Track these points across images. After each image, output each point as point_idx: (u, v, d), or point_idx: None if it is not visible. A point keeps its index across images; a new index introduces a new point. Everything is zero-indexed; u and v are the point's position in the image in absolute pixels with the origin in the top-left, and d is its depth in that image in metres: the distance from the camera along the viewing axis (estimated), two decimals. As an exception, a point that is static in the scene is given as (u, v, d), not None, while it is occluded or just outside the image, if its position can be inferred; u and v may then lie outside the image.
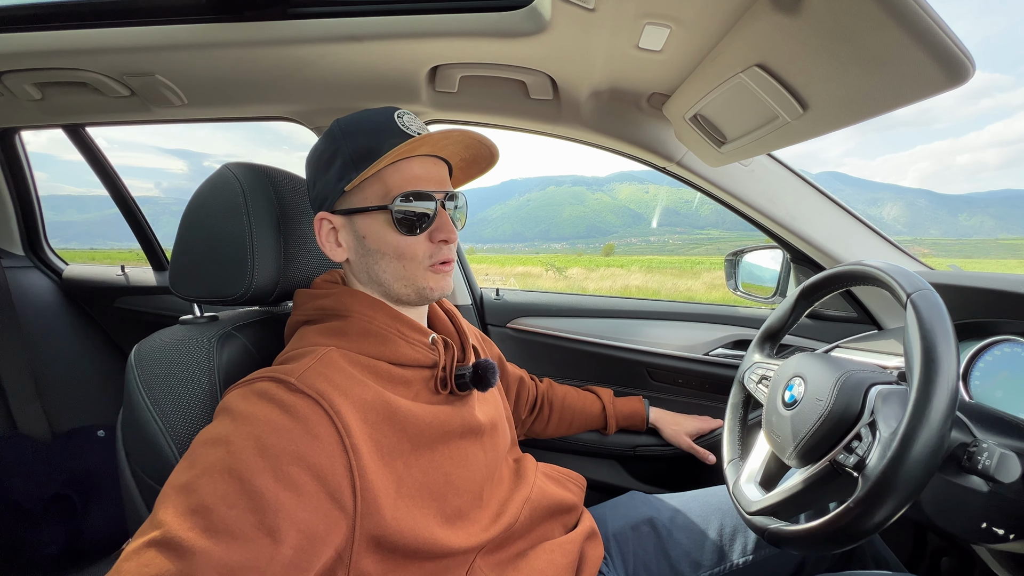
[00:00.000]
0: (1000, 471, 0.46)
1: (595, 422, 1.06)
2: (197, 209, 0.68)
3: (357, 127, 0.60)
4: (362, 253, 0.62)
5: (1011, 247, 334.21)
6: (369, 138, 0.58)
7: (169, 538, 0.39)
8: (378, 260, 0.61)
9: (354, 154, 0.59)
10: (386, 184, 0.59)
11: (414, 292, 0.62)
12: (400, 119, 0.60)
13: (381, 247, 0.60)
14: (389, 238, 0.60)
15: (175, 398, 0.59)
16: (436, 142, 0.59)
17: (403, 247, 0.60)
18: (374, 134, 0.59)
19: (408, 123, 0.61)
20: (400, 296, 0.63)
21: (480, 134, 0.61)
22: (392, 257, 0.61)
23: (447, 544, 0.55)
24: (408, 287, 0.62)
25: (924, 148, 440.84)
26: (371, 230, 0.60)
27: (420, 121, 0.63)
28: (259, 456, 0.44)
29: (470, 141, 0.62)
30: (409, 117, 0.62)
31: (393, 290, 0.62)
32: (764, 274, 1.19)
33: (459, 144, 0.62)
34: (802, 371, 0.62)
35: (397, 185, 0.59)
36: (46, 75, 1.00)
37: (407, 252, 0.60)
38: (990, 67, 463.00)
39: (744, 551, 0.75)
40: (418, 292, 0.62)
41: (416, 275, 0.61)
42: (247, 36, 0.84)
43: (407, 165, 0.60)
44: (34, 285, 1.57)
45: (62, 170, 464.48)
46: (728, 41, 0.66)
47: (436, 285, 0.63)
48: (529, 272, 57.70)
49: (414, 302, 0.64)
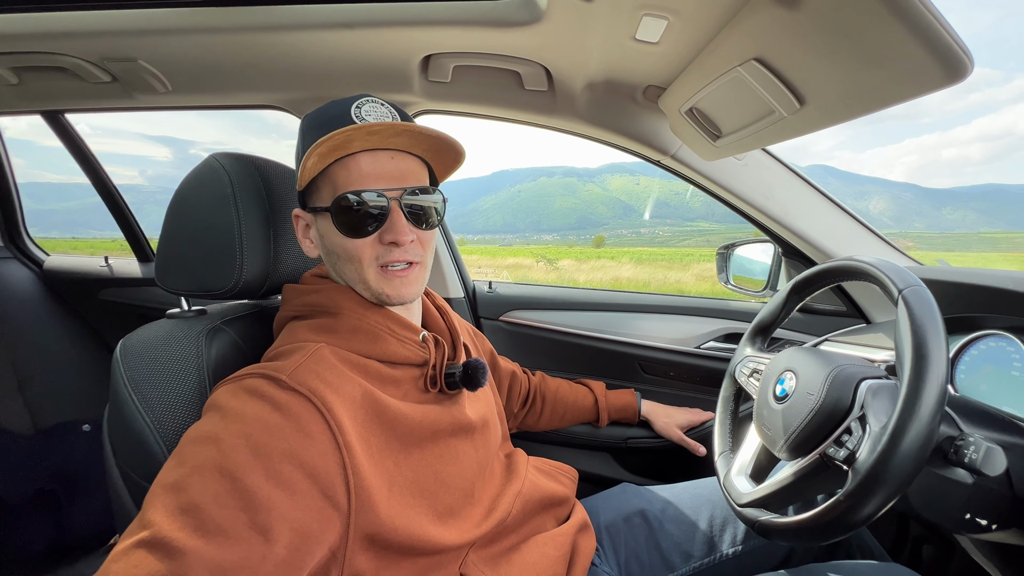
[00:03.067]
0: (986, 465, 0.47)
1: (587, 415, 1.07)
2: (184, 200, 0.67)
3: (315, 121, 0.58)
4: (325, 251, 0.61)
5: (992, 241, 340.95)
6: (320, 133, 0.53)
7: (159, 538, 0.38)
8: (336, 260, 0.60)
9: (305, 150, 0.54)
10: (334, 182, 0.56)
11: (372, 296, 0.60)
12: (358, 109, 0.56)
13: (334, 248, 0.59)
14: (336, 239, 0.57)
15: (162, 394, 0.58)
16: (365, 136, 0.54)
17: (350, 249, 0.57)
18: (326, 128, 0.54)
19: (366, 114, 0.56)
20: (365, 297, 0.61)
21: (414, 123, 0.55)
22: (344, 259, 0.58)
23: (440, 541, 0.55)
24: (366, 290, 0.60)
25: (912, 142, 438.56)
26: (325, 230, 0.59)
27: (386, 110, 0.58)
28: (250, 454, 0.43)
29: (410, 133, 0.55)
30: (369, 106, 0.57)
31: (357, 291, 0.61)
32: (755, 267, 1.20)
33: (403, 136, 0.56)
34: (793, 365, 0.62)
35: (343, 183, 0.56)
36: (22, 59, 0.96)
37: (354, 254, 0.57)
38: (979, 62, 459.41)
39: (734, 542, 0.77)
40: (376, 296, 0.60)
41: (369, 278, 0.58)
42: (234, 21, 0.82)
43: (354, 161, 0.56)
44: (14, 276, 1.52)
45: (42, 156, 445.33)
46: (726, 34, 0.65)
47: (392, 292, 0.59)
48: (520, 263, 57.62)
49: (381, 303, 0.61)
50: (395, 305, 0.61)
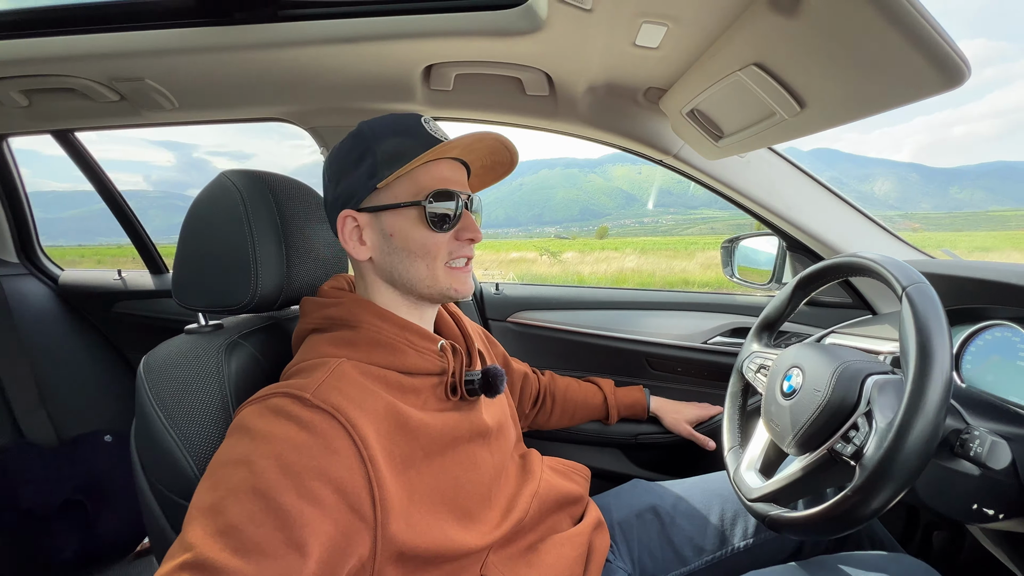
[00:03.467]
0: (991, 458, 0.48)
1: (597, 413, 1.08)
2: (198, 218, 0.68)
3: (388, 129, 0.62)
4: (387, 251, 0.62)
5: (1001, 219, 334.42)
6: (401, 139, 0.61)
7: (202, 560, 0.40)
8: (403, 258, 0.62)
9: (386, 154, 0.60)
10: (417, 183, 0.61)
11: (436, 292, 0.63)
12: (427, 124, 0.63)
13: (408, 244, 0.61)
14: (417, 235, 0.61)
15: (187, 410, 0.60)
16: (469, 144, 0.62)
17: (430, 244, 0.61)
18: (405, 136, 0.61)
19: (434, 128, 0.63)
20: (423, 295, 0.64)
21: (508, 139, 0.64)
22: (418, 255, 0.62)
23: (462, 545, 0.56)
24: (431, 287, 0.63)
25: (922, 120, 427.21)
26: (399, 227, 0.61)
27: (441, 127, 0.65)
28: (282, 474, 0.45)
29: (498, 146, 0.64)
30: (434, 124, 0.64)
31: (416, 289, 0.63)
32: (760, 259, 1.21)
33: (486, 149, 0.64)
34: (800, 361, 0.63)
35: (428, 184, 0.61)
36: (33, 82, 0.98)
37: (432, 249, 0.61)
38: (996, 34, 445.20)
39: (745, 534, 0.78)
40: (441, 292, 0.63)
41: (437, 274, 0.63)
42: (237, 39, 0.83)
43: (436, 167, 0.62)
44: (31, 292, 1.56)
45: (46, 166, 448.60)
46: (726, 40, 0.66)
47: (460, 286, 0.64)
48: (524, 257, 57.47)
49: (435, 301, 0.66)
50: (454, 300, 0.66)
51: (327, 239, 0.78)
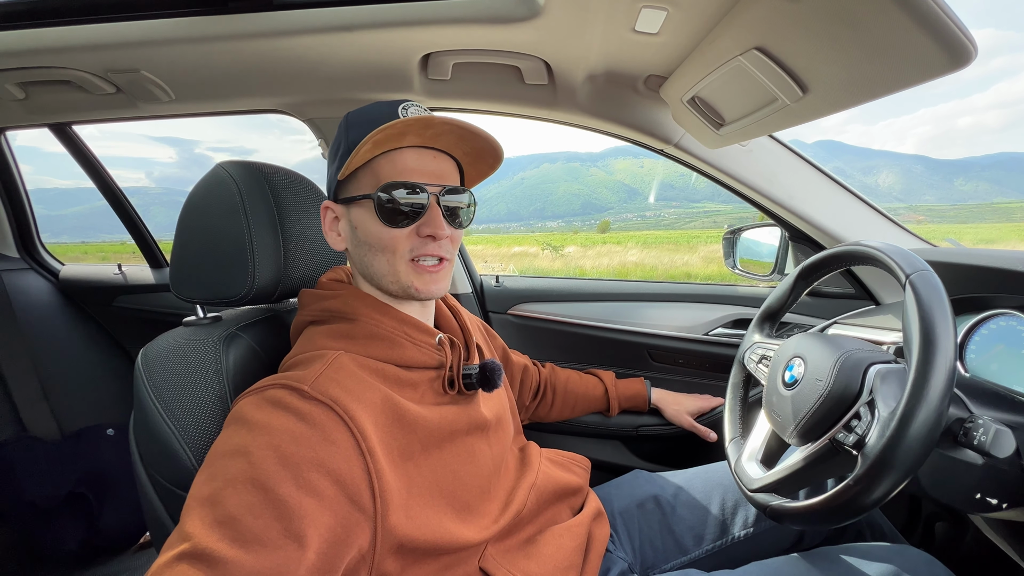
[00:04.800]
0: (995, 447, 0.48)
1: (598, 404, 1.08)
2: (194, 210, 0.68)
3: (362, 117, 0.60)
4: (356, 244, 0.62)
5: (1006, 211, 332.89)
6: (367, 128, 0.57)
7: (200, 550, 0.40)
8: (366, 252, 0.61)
9: (351, 143, 0.58)
10: (377, 174, 0.58)
11: (400, 289, 0.61)
12: (404, 110, 0.59)
13: (368, 238, 0.60)
14: (373, 228, 0.59)
15: (185, 402, 0.60)
16: (420, 130, 0.56)
17: (385, 239, 0.59)
18: (374, 124, 0.57)
19: (412, 114, 0.59)
20: (390, 291, 0.62)
21: (470, 123, 0.57)
22: (377, 249, 0.59)
23: (461, 538, 0.56)
24: (394, 283, 0.61)
25: (928, 111, 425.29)
26: (361, 220, 0.60)
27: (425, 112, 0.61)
28: (280, 465, 0.45)
29: (461, 132, 0.58)
30: (415, 108, 0.60)
31: (381, 284, 0.62)
32: (762, 250, 1.20)
33: (451, 135, 0.58)
34: (802, 351, 0.63)
35: (387, 175, 0.58)
36: (28, 74, 0.97)
37: (389, 244, 0.59)
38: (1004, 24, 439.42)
39: (745, 524, 0.78)
40: (403, 290, 0.61)
41: (399, 270, 0.60)
42: (233, 29, 0.82)
43: (400, 156, 0.58)
44: (31, 287, 1.56)
45: (48, 163, 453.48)
46: (726, 24, 0.64)
47: (421, 286, 0.60)
48: (525, 252, 57.44)
49: (403, 298, 0.63)
50: (422, 300, 0.63)
51: None
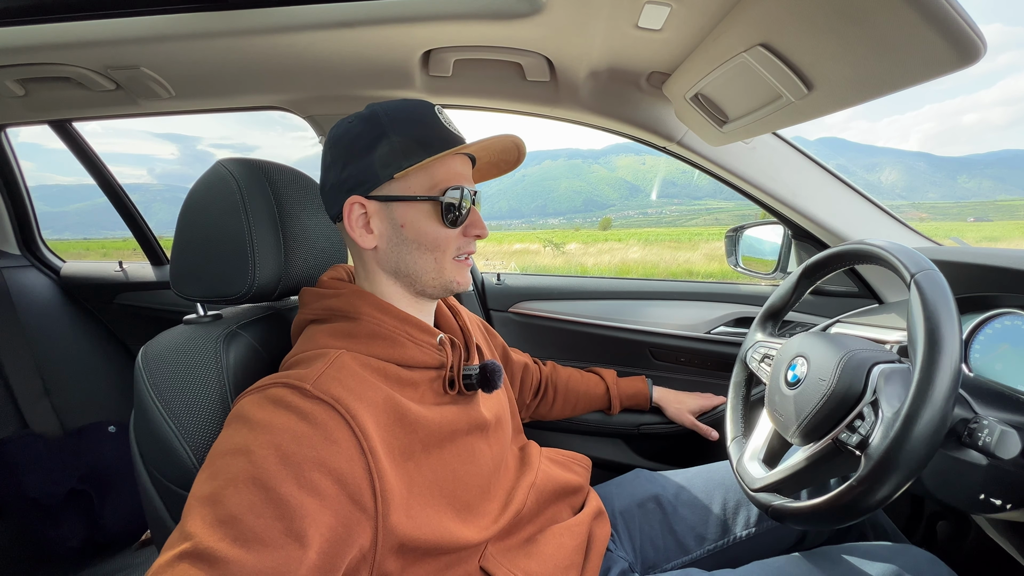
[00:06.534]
0: (1000, 448, 0.47)
1: (599, 403, 1.08)
2: (194, 208, 0.67)
3: (405, 116, 0.60)
4: (396, 242, 0.61)
5: (1010, 208, 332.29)
6: (420, 129, 0.60)
7: (201, 549, 0.40)
8: (412, 250, 0.61)
9: (404, 143, 0.59)
10: (433, 176, 0.60)
11: (440, 285, 0.64)
12: (440, 114, 0.63)
13: (419, 237, 0.61)
14: (429, 228, 0.61)
15: (186, 400, 0.59)
16: (491, 145, 0.63)
17: (440, 238, 0.61)
18: (424, 126, 0.60)
19: (447, 120, 0.63)
20: (425, 288, 0.63)
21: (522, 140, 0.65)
22: (427, 248, 0.61)
23: (462, 538, 0.56)
24: (436, 280, 0.63)
25: (933, 107, 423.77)
26: (411, 219, 0.60)
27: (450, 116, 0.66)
28: (281, 464, 0.45)
29: (510, 145, 0.65)
30: (445, 114, 0.64)
31: (420, 281, 0.63)
32: (765, 248, 1.19)
33: (499, 147, 0.65)
34: (805, 351, 0.62)
35: (444, 179, 0.60)
36: (28, 71, 0.97)
37: (443, 244, 0.62)
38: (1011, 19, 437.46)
39: (747, 524, 0.78)
40: (444, 286, 0.64)
41: (444, 267, 0.63)
42: (233, 25, 0.81)
43: (451, 161, 0.62)
44: (32, 284, 1.56)
45: (50, 159, 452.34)
46: (731, 20, 0.64)
47: (462, 279, 0.65)
48: (527, 249, 57.42)
49: (437, 295, 0.66)
50: (456, 292, 0.66)
51: (325, 229, 0.77)
